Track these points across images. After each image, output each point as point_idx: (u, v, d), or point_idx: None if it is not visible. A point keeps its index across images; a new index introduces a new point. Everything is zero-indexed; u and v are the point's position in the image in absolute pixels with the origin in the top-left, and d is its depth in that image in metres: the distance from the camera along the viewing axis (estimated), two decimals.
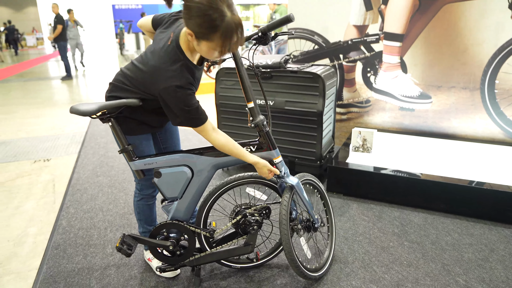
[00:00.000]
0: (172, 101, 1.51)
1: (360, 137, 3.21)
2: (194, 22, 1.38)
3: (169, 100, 1.52)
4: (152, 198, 2.01)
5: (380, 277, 2.04)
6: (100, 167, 3.63)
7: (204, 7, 1.34)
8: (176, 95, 1.50)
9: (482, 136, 3.47)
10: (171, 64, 1.52)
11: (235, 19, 1.38)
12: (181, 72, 1.52)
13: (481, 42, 3.26)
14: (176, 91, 1.49)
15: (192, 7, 1.35)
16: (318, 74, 2.89)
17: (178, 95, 1.50)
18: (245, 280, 2.02)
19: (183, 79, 1.51)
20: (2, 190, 3.19)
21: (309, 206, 1.94)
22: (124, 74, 1.69)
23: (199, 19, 1.36)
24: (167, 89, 1.50)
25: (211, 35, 1.39)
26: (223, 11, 1.35)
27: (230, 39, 1.40)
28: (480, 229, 2.49)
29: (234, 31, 1.39)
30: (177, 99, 1.50)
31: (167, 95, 1.51)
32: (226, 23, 1.36)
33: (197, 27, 1.38)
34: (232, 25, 1.38)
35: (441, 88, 3.52)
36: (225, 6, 1.36)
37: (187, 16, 1.39)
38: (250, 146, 1.76)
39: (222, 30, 1.37)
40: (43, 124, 5.30)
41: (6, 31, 19.54)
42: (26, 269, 2.16)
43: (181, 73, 1.52)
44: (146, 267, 2.13)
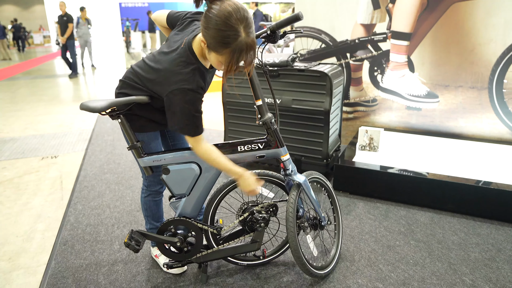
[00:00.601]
0: (180, 104, 1.52)
1: (367, 136, 3.20)
2: (209, 32, 1.40)
3: (176, 102, 1.52)
4: (159, 194, 2.02)
5: (386, 276, 2.04)
6: (107, 164, 3.65)
7: (221, 22, 1.36)
8: (185, 98, 1.51)
9: (490, 136, 3.45)
10: (183, 67, 1.53)
11: (248, 41, 1.41)
12: (193, 76, 1.53)
13: (489, 41, 3.24)
14: (186, 94, 1.51)
15: (211, 18, 1.38)
16: (325, 72, 2.89)
17: (187, 98, 1.51)
18: (251, 277, 2.03)
19: (194, 83, 1.52)
20: (11, 187, 3.22)
21: (316, 204, 1.95)
22: (134, 71, 1.70)
23: (214, 32, 1.39)
24: (177, 91, 1.51)
25: (221, 49, 1.41)
26: (238, 31, 1.38)
27: (238, 58, 1.43)
28: (487, 229, 2.48)
29: (244, 51, 1.42)
30: (186, 102, 1.51)
31: (175, 97, 1.52)
32: (238, 42, 1.39)
33: (210, 38, 1.41)
34: (243, 46, 1.41)
35: (448, 87, 3.50)
36: (242, 27, 1.39)
37: (205, 25, 1.41)
38: (258, 144, 1.76)
39: (232, 48, 1.40)
40: (51, 122, 5.34)
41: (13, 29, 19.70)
42: (35, 264, 2.19)
43: (193, 76, 1.53)
44: (153, 264, 2.15)
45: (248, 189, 1.73)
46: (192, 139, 1.61)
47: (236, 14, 1.37)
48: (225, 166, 1.68)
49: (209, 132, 4.75)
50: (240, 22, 1.38)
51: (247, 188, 1.73)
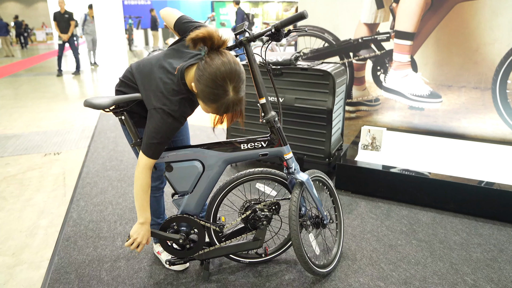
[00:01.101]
0: (157, 122, 1.54)
1: (369, 135, 3.21)
2: (199, 85, 1.44)
3: (155, 119, 1.55)
4: (159, 190, 2.03)
5: (387, 275, 2.04)
6: (109, 161, 3.66)
7: (211, 80, 1.41)
8: (165, 119, 1.54)
9: (493, 137, 3.45)
10: (172, 95, 1.55)
11: (235, 99, 1.46)
12: (179, 105, 1.55)
13: (493, 41, 3.23)
14: (168, 117, 1.54)
15: (203, 73, 1.42)
16: (328, 71, 2.89)
17: (168, 121, 1.54)
18: (253, 274, 2.03)
19: (178, 112, 1.55)
20: (14, 183, 3.23)
21: (318, 202, 1.95)
22: (132, 72, 1.71)
23: (203, 87, 1.43)
24: (161, 110, 1.54)
25: (208, 103, 1.46)
26: (227, 90, 1.43)
27: (224, 112, 1.49)
28: (489, 229, 2.49)
29: (230, 108, 1.48)
30: (163, 123, 1.54)
31: (157, 114, 1.54)
32: (225, 100, 1.44)
33: (199, 90, 1.45)
34: (230, 104, 1.46)
35: (451, 87, 3.50)
36: (231, 87, 1.43)
37: (196, 76, 1.45)
38: (261, 142, 1.77)
39: (218, 104, 1.46)
40: (54, 118, 5.35)
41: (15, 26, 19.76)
42: (38, 259, 2.20)
43: (179, 105, 1.55)
44: (155, 260, 2.16)
45: (136, 236, 1.70)
46: (146, 161, 1.61)
47: (227, 73, 1.41)
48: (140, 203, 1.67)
49: (210, 130, 4.76)
50: (230, 82, 1.42)
51: (136, 234, 1.70)
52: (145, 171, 1.63)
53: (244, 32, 1.65)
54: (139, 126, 1.79)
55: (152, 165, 1.63)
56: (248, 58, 1.68)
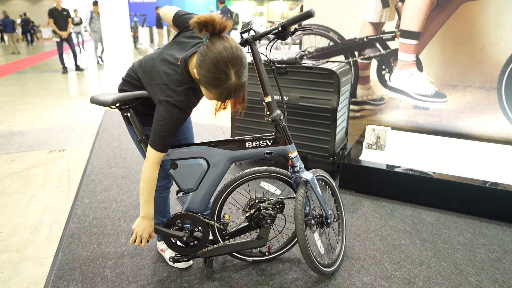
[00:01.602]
0: (164, 115, 1.54)
1: (374, 135, 3.20)
2: (201, 71, 1.43)
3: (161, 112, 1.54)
4: (166, 189, 2.03)
5: (391, 274, 2.04)
6: (114, 158, 3.67)
7: (213, 64, 1.39)
8: (172, 111, 1.53)
9: (498, 137, 3.43)
10: (177, 85, 1.54)
11: (237, 84, 1.44)
12: (184, 95, 1.55)
13: (499, 40, 3.21)
14: (173, 108, 1.53)
15: (204, 58, 1.41)
16: (333, 70, 2.88)
17: (173, 112, 1.54)
18: (256, 273, 2.04)
19: (183, 102, 1.55)
20: (19, 179, 3.25)
21: (322, 201, 1.95)
22: (135, 70, 1.72)
23: (205, 72, 1.41)
24: (166, 103, 1.53)
25: (210, 88, 1.45)
26: (229, 75, 1.41)
27: (226, 97, 1.47)
28: (494, 230, 2.47)
29: (232, 93, 1.46)
30: (170, 115, 1.54)
31: (163, 107, 1.54)
32: (227, 85, 1.43)
33: (201, 76, 1.44)
34: (232, 89, 1.44)
35: (456, 87, 3.48)
36: (233, 71, 1.41)
37: (198, 62, 1.43)
38: (266, 141, 1.76)
39: (220, 89, 1.44)
40: (59, 115, 5.38)
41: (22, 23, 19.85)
42: (42, 256, 2.21)
43: (184, 95, 1.55)
44: (159, 258, 2.17)
45: (138, 229, 1.71)
46: (155, 154, 1.60)
47: (229, 57, 1.39)
48: (145, 198, 1.67)
49: (215, 128, 4.76)
50: (232, 66, 1.41)
51: (139, 228, 1.71)
52: (153, 166, 1.62)
53: (250, 31, 1.64)
54: (144, 124, 1.80)
55: (160, 159, 1.63)
56: (254, 57, 1.68)
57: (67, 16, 8.90)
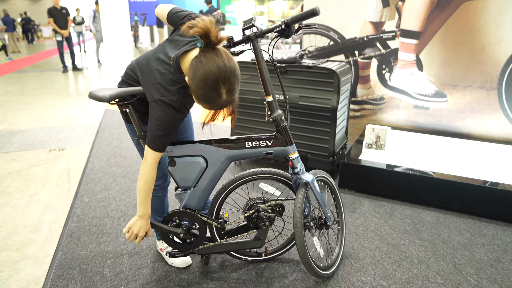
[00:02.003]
0: (159, 114, 1.53)
1: (374, 134, 3.19)
2: (192, 86, 1.40)
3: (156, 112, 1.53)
4: (162, 190, 2.02)
5: (390, 274, 2.04)
6: (113, 158, 3.68)
7: (204, 83, 1.36)
8: (167, 111, 1.52)
9: (498, 137, 3.42)
10: (170, 85, 1.53)
11: (228, 101, 1.44)
12: (178, 94, 1.53)
13: (499, 40, 3.21)
14: (168, 107, 1.52)
15: (196, 73, 1.37)
16: (333, 70, 2.88)
17: (168, 112, 1.53)
18: (255, 273, 2.04)
19: (178, 101, 1.53)
20: (19, 178, 3.25)
21: (323, 203, 1.93)
22: (132, 69, 1.71)
23: (197, 88, 1.38)
24: (160, 102, 1.52)
25: (201, 102, 1.43)
26: (220, 94, 1.39)
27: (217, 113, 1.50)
28: (493, 230, 2.47)
29: (223, 107, 1.47)
30: (165, 115, 1.53)
31: (158, 107, 1.53)
32: (218, 102, 1.42)
33: (193, 90, 1.41)
34: (223, 105, 1.45)
35: (456, 87, 3.48)
36: (225, 90, 1.39)
37: (190, 75, 1.40)
38: (266, 141, 1.75)
39: (211, 105, 1.44)
40: (59, 115, 5.38)
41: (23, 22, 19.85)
42: (42, 255, 2.21)
43: (178, 95, 1.53)
44: (158, 257, 2.17)
45: (135, 228, 1.72)
46: (153, 154, 1.60)
47: (221, 76, 1.36)
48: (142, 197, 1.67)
49: (215, 128, 4.76)
50: (224, 85, 1.38)
51: (135, 227, 1.72)
52: (151, 166, 1.62)
53: (252, 27, 1.61)
54: (144, 122, 1.79)
55: (158, 159, 1.62)
56: (256, 55, 1.64)
57: (66, 14, 8.86)
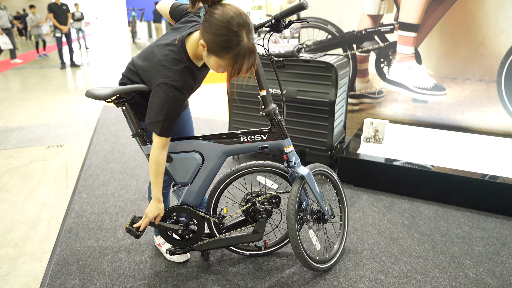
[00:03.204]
0: (161, 98, 1.51)
1: (372, 128, 3.18)
2: (210, 37, 1.39)
3: (158, 96, 1.52)
4: (167, 186, 2.02)
5: (388, 268, 2.03)
6: (111, 154, 3.67)
7: (224, 27, 1.36)
8: (169, 94, 1.50)
9: (497, 130, 3.41)
10: (174, 64, 1.52)
11: (250, 45, 1.41)
12: (181, 74, 1.52)
13: (499, 33, 3.19)
14: (170, 90, 1.50)
15: (213, 23, 1.37)
16: (330, 63, 2.86)
17: (171, 95, 1.51)
18: (254, 267, 2.04)
19: (181, 81, 1.52)
20: (17, 175, 3.25)
21: (319, 197, 1.93)
22: (133, 63, 1.70)
23: (216, 36, 1.38)
24: (163, 85, 1.50)
25: (223, 54, 1.41)
26: (241, 36, 1.38)
27: (241, 62, 1.43)
28: (492, 223, 2.47)
29: (247, 57, 1.42)
30: (168, 98, 1.51)
31: (160, 90, 1.51)
32: (240, 47, 1.39)
33: (212, 42, 1.40)
34: (246, 51, 1.41)
35: (455, 80, 3.46)
36: (244, 32, 1.39)
37: (206, 29, 1.40)
38: (261, 135, 1.75)
39: (235, 53, 1.40)
40: (57, 111, 5.36)
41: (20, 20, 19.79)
42: (40, 251, 2.21)
43: (181, 74, 1.52)
44: (156, 252, 2.17)
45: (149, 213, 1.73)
46: (157, 139, 1.59)
47: (238, 19, 1.37)
48: (152, 180, 1.68)
49: (214, 123, 4.75)
50: (243, 27, 1.38)
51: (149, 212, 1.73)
52: (157, 150, 1.61)
53: None
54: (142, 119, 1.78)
55: (165, 144, 1.61)
56: None
57: (66, 10, 8.84)
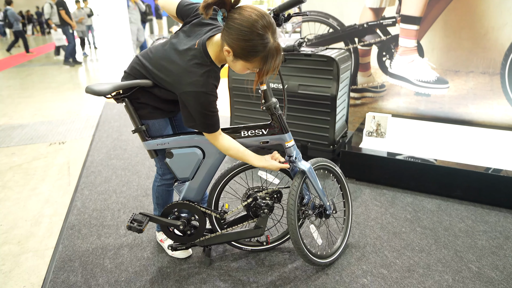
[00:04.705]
0: (193, 105, 1.52)
1: (374, 122, 3.16)
2: (235, 42, 1.38)
3: (189, 103, 1.52)
4: (171, 184, 2.01)
5: (391, 262, 2.03)
6: (113, 150, 3.67)
7: (249, 31, 1.35)
8: (199, 100, 1.51)
9: (501, 123, 3.39)
10: (197, 69, 1.51)
11: (276, 45, 1.40)
12: (207, 78, 1.52)
13: (503, 25, 3.15)
14: (199, 97, 1.51)
15: (236, 28, 1.36)
16: (332, 57, 2.84)
17: (201, 101, 1.51)
18: (256, 263, 2.03)
19: (207, 85, 1.52)
20: (19, 172, 3.26)
21: (321, 192, 1.92)
22: (141, 64, 1.66)
23: (242, 42, 1.37)
24: (191, 93, 1.50)
25: (251, 57, 1.41)
26: (267, 38, 1.38)
27: (270, 63, 1.42)
28: (495, 217, 2.45)
29: (274, 57, 1.41)
30: (199, 104, 1.52)
31: (189, 97, 1.51)
32: (268, 49, 1.39)
33: (238, 47, 1.39)
34: (274, 51, 1.40)
35: (458, 73, 3.43)
36: (270, 33, 1.38)
37: (228, 34, 1.39)
38: (262, 129, 1.74)
39: (263, 55, 1.40)
40: (59, 108, 5.37)
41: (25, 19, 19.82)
42: (43, 248, 2.22)
43: (207, 78, 1.52)
44: (158, 248, 2.17)
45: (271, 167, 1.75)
46: (210, 136, 1.63)
47: (262, 20, 1.36)
48: (245, 157, 1.70)
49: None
50: (268, 29, 1.37)
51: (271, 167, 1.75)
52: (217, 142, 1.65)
53: None
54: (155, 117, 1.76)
55: (218, 135, 1.64)
56: None
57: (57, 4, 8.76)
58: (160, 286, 1.88)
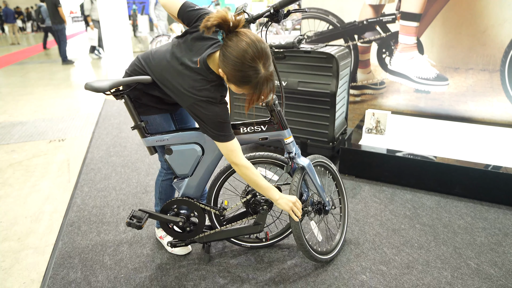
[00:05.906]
0: (207, 114, 1.55)
1: (374, 119, 3.16)
2: (228, 70, 1.40)
3: (202, 112, 1.55)
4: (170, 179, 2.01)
5: (390, 259, 2.03)
6: (113, 147, 3.67)
7: (240, 62, 1.36)
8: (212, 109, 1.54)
9: (501, 120, 3.38)
10: (205, 84, 1.54)
11: (267, 75, 1.42)
12: (214, 90, 1.55)
13: (502, 22, 3.14)
14: (209, 105, 1.53)
15: (228, 57, 1.38)
16: (332, 54, 2.84)
17: (215, 110, 1.54)
18: (255, 259, 2.04)
19: (216, 96, 1.55)
20: (19, 169, 3.26)
21: (320, 188, 1.93)
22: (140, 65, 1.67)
23: (233, 71, 1.39)
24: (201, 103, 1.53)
25: (242, 85, 1.43)
26: (258, 69, 1.39)
27: (260, 91, 1.44)
28: (495, 214, 2.45)
29: (265, 85, 1.43)
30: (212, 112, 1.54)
31: (199, 108, 1.54)
32: (258, 78, 1.40)
33: (230, 75, 1.41)
34: (264, 81, 1.42)
35: (458, 70, 3.42)
36: (261, 64, 1.39)
37: (222, 60, 1.41)
38: (260, 126, 1.74)
39: (253, 84, 1.42)
40: (59, 105, 5.37)
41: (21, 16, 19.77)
42: (43, 244, 2.22)
43: (214, 91, 1.55)
44: (158, 245, 2.17)
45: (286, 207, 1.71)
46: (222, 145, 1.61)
47: (252, 49, 1.36)
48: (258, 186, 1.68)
49: None
50: (259, 59, 1.38)
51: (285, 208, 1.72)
52: (232, 154, 1.62)
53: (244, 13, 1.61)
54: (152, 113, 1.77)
55: (233, 146, 1.62)
56: None
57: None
58: (160, 282, 1.88)
